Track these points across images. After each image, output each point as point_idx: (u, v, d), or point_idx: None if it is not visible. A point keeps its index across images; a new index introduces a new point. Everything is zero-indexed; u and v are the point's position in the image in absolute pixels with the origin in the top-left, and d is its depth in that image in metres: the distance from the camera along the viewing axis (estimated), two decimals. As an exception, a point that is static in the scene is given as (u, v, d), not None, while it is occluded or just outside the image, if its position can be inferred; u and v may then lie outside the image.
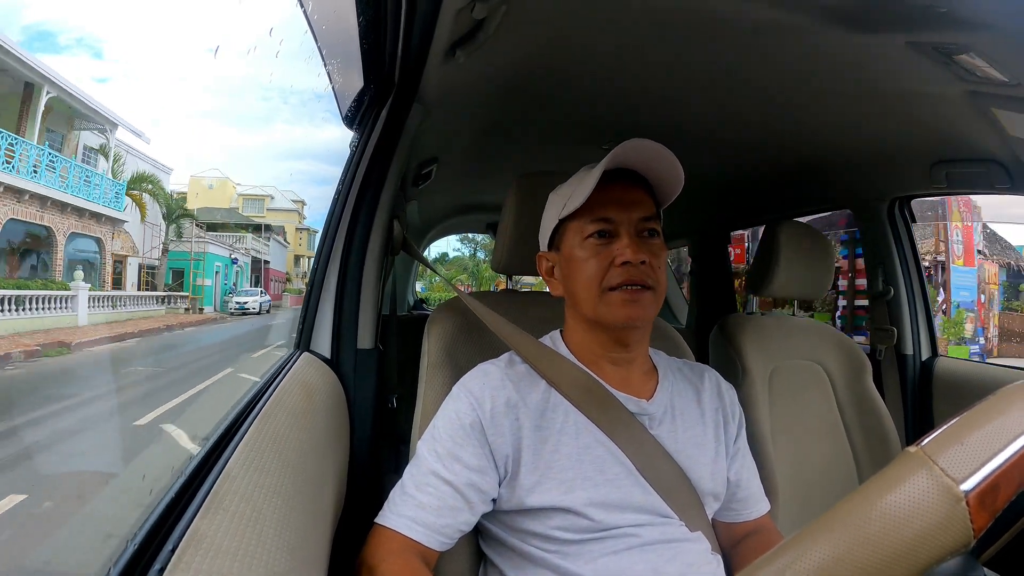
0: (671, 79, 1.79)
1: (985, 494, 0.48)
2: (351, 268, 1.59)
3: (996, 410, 0.53)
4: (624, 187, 1.20)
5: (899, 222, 2.45)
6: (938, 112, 1.73)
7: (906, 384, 2.43)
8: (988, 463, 0.48)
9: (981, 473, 0.48)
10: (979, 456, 0.49)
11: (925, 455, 0.50)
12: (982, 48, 1.30)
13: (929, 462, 0.50)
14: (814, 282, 2.13)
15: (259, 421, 0.98)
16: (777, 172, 2.58)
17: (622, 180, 1.20)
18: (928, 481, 0.49)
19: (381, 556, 1.09)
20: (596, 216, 1.19)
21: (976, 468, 0.48)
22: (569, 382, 1.21)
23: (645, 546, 1.14)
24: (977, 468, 0.48)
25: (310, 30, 1.48)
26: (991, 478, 0.48)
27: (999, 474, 0.48)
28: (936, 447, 0.51)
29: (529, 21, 1.45)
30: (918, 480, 0.49)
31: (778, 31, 1.44)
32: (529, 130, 2.39)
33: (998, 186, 1.89)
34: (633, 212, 1.18)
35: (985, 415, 0.52)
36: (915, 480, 0.49)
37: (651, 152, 1.17)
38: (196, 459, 0.85)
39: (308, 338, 1.57)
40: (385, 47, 1.50)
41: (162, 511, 0.71)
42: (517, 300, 1.57)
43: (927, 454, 0.50)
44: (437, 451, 1.16)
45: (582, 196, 1.17)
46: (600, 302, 1.17)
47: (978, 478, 0.48)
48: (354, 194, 1.62)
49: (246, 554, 0.67)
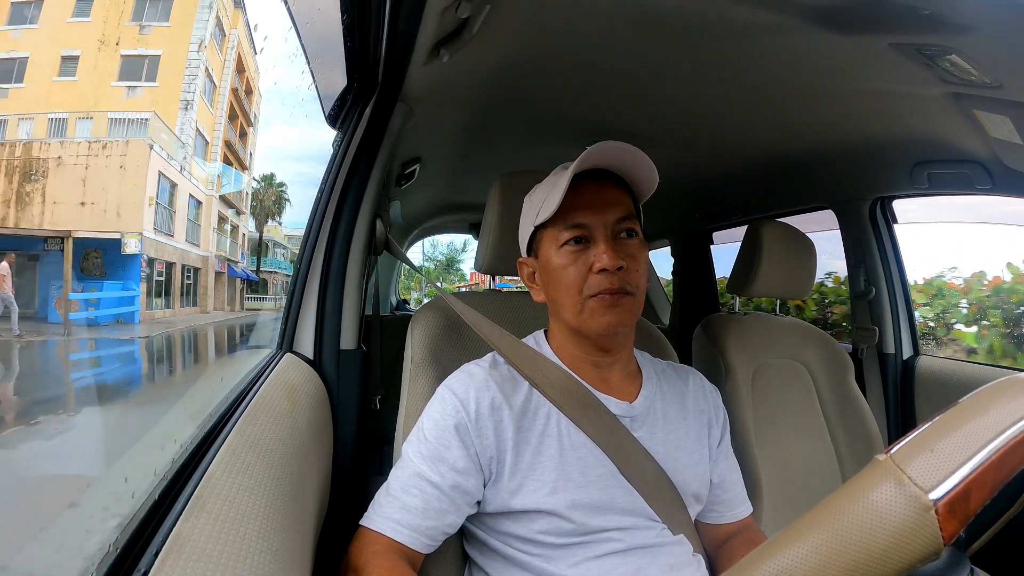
0: (654, 78, 1.79)
1: (955, 502, 0.48)
2: (334, 268, 1.58)
3: (967, 415, 0.53)
4: (597, 188, 1.17)
5: (880, 222, 2.46)
6: (920, 113, 1.74)
7: (888, 383, 2.45)
8: (958, 470, 0.49)
9: (951, 481, 0.49)
10: (949, 463, 0.49)
11: (894, 464, 0.51)
12: (965, 50, 1.31)
13: (898, 471, 0.50)
14: (797, 282, 2.14)
15: (241, 423, 0.97)
16: (760, 171, 2.59)
17: (595, 180, 1.18)
18: (896, 491, 0.49)
19: (366, 558, 1.08)
20: (570, 222, 1.16)
21: (945, 476, 0.49)
22: (552, 384, 1.21)
23: (628, 549, 1.14)
24: (946, 476, 0.49)
25: (294, 27, 1.47)
26: (961, 485, 0.48)
27: (970, 480, 0.49)
28: (905, 455, 0.51)
29: (513, 20, 1.45)
30: (886, 490, 0.50)
31: (761, 31, 1.44)
32: (512, 129, 2.38)
33: (979, 187, 1.90)
34: (608, 214, 1.16)
35: (956, 420, 0.53)
36: (883, 489, 0.50)
37: (622, 153, 1.14)
38: (178, 461, 0.84)
39: (291, 339, 1.56)
40: (369, 45, 1.50)
41: (144, 514, 0.70)
42: (500, 300, 1.56)
43: (896, 463, 0.51)
44: (422, 452, 1.15)
45: (553, 204, 1.14)
46: (582, 310, 1.16)
47: (947, 486, 0.48)
48: (337, 193, 1.61)
49: (230, 557, 0.66)
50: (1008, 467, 0.49)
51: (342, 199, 1.61)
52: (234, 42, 24.21)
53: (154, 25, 20.78)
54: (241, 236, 26.54)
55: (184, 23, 20.91)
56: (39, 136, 19.13)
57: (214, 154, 24.03)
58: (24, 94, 20.15)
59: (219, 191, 23.63)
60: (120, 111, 20.26)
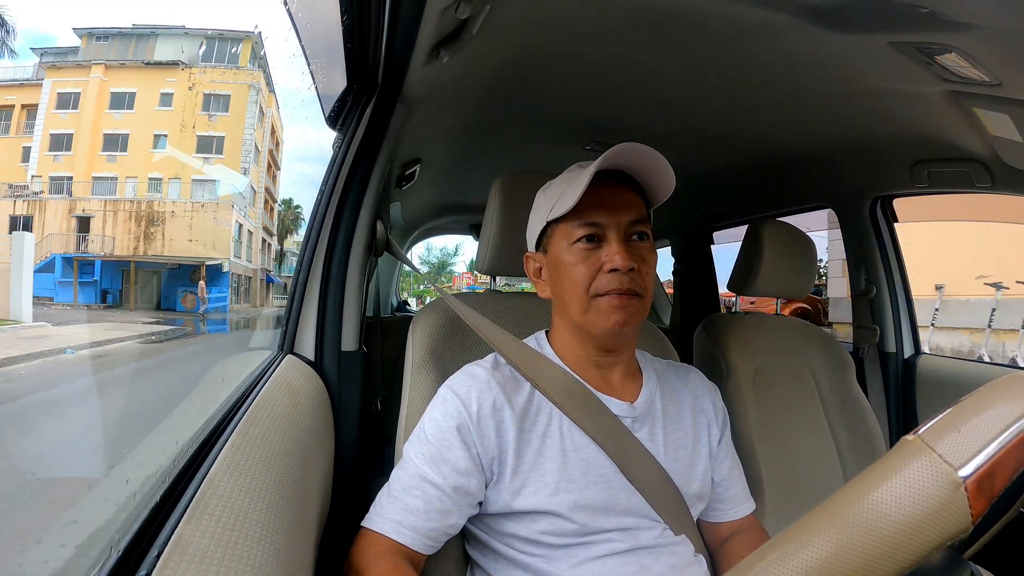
0: (654, 78, 1.79)
1: (983, 480, 0.48)
2: (334, 269, 1.58)
3: (989, 400, 0.53)
4: (614, 189, 1.18)
5: (881, 221, 2.46)
6: (920, 111, 1.74)
7: (889, 382, 2.44)
8: (984, 450, 0.49)
9: (978, 459, 0.49)
10: (975, 443, 0.50)
11: (923, 442, 0.51)
12: (964, 48, 1.31)
13: (927, 449, 0.50)
14: (797, 281, 2.14)
15: (243, 424, 0.97)
16: (760, 171, 2.59)
17: (612, 182, 1.18)
18: (927, 468, 0.50)
19: (368, 560, 1.08)
20: (585, 220, 1.16)
21: (973, 454, 0.49)
22: (553, 385, 1.20)
23: (629, 550, 1.14)
24: (974, 454, 0.49)
25: (294, 29, 1.47)
26: (987, 464, 0.49)
27: (995, 461, 0.49)
28: (933, 435, 0.51)
29: (513, 21, 1.45)
30: (917, 467, 0.50)
31: (761, 30, 1.44)
32: (512, 130, 2.38)
33: (979, 185, 1.90)
34: (622, 216, 1.16)
35: (979, 404, 0.53)
36: (914, 467, 0.50)
37: (644, 156, 1.15)
38: (180, 464, 0.84)
39: (292, 340, 1.56)
40: (369, 46, 1.49)
41: (146, 517, 0.70)
42: (501, 301, 1.56)
43: (925, 441, 0.51)
44: (424, 454, 1.15)
45: (571, 200, 1.13)
46: (588, 309, 1.16)
47: (975, 464, 0.49)
48: (337, 195, 1.61)
49: (232, 559, 0.66)
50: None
51: (342, 200, 1.61)
52: (269, 116, 32.82)
53: (218, 114, 29.23)
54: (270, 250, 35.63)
55: (239, 112, 29.38)
56: (142, 193, 28.11)
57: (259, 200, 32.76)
58: (128, 160, 28.08)
59: (261, 224, 32.51)
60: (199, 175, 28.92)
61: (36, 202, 26.18)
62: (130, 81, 28.00)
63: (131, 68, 27.92)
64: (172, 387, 2.99)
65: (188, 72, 28.71)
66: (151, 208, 27.29)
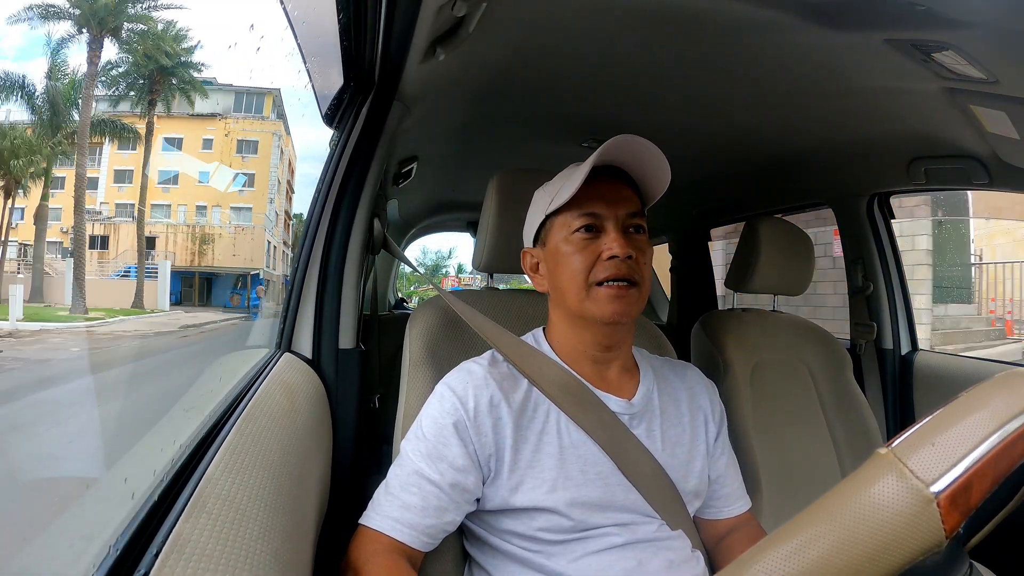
0: (650, 75, 1.79)
1: (957, 494, 0.48)
2: (332, 267, 1.58)
3: (968, 408, 0.53)
4: (611, 183, 1.20)
5: (878, 218, 2.46)
6: (917, 109, 1.74)
7: (886, 378, 2.45)
8: (959, 463, 0.49)
9: (952, 474, 0.49)
10: (950, 456, 0.49)
11: (895, 457, 0.51)
12: (961, 46, 1.31)
13: (899, 464, 0.50)
14: (794, 278, 2.14)
15: (240, 423, 0.97)
16: (757, 168, 2.59)
17: (609, 177, 1.20)
18: (898, 484, 0.49)
19: (366, 557, 1.08)
20: (583, 211, 1.18)
21: (947, 469, 0.49)
22: (550, 381, 1.21)
23: (627, 545, 1.15)
24: (948, 469, 0.49)
25: (290, 27, 1.46)
26: (963, 478, 0.48)
27: (971, 473, 0.49)
28: (906, 449, 0.51)
29: (509, 18, 1.44)
30: (888, 483, 0.50)
31: (757, 28, 1.44)
32: (509, 128, 2.38)
33: (976, 182, 1.90)
34: (620, 208, 1.18)
35: (957, 414, 0.53)
36: (885, 482, 0.50)
37: (639, 149, 1.17)
38: (178, 462, 0.84)
39: (289, 338, 1.56)
40: (365, 44, 1.49)
41: (144, 515, 0.70)
42: (499, 298, 1.56)
43: (897, 456, 0.51)
44: (421, 451, 1.15)
45: (571, 190, 1.16)
46: (587, 297, 1.17)
47: (949, 479, 0.48)
48: (334, 193, 1.60)
49: (230, 557, 0.66)
50: (1008, 460, 0.49)
51: (339, 198, 1.60)
52: (287, 154, 39.30)
53: (249, 156, 35.91)
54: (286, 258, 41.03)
55: (265, 154, 35.87)
56: (191, 218, 34.24)
57: (280, 221, 38.12)
58: (179, 191, 34.44)
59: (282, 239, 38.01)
60: (236, 203, 35.24)
61: (110, 224, 32.23)
62: (179, 128, 33.94)
63: (178, 119, 33.57)
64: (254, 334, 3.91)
65: (224, 122, 35.57)
66: (203, 230, 33.99)
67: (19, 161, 24.22)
